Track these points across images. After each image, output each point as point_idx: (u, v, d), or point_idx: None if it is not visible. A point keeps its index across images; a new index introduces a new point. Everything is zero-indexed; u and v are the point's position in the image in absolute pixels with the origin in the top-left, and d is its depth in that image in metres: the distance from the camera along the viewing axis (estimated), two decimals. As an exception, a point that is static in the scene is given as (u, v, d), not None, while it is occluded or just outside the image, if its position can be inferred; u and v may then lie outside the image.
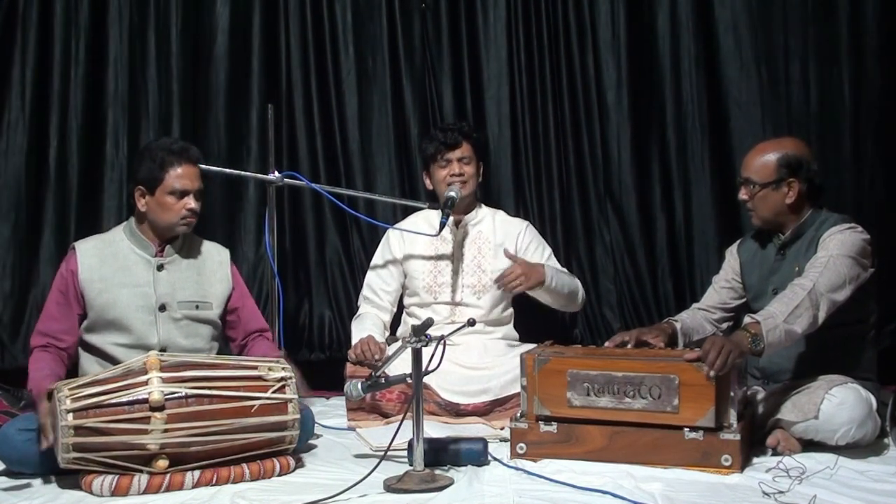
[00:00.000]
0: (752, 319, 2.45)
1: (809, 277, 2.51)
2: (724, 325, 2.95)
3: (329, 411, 3.25)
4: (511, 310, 3.33)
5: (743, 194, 2.77)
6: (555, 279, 3.16)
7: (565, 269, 3.36)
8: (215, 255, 2.86)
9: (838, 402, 2.47)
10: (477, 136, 3.31)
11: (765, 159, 2.72)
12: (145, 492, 2.31)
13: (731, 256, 2.94)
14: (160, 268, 2.73)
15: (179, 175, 2.67)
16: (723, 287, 2.94)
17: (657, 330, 2.79)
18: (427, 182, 3.31)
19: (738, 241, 2.97)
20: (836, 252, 2.56)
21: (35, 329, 2.72)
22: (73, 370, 2.74)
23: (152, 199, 2.69)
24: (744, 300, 2.90)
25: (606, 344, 2.74)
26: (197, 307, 2.76)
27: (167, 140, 2.80)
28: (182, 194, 2.68)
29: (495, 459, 2.54)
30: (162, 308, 2.71)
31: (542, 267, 3.16)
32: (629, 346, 2.69)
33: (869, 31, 3.58)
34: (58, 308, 2.70)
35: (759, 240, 2.86)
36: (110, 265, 2.70)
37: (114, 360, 2.62)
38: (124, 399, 2.32)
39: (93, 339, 2.71)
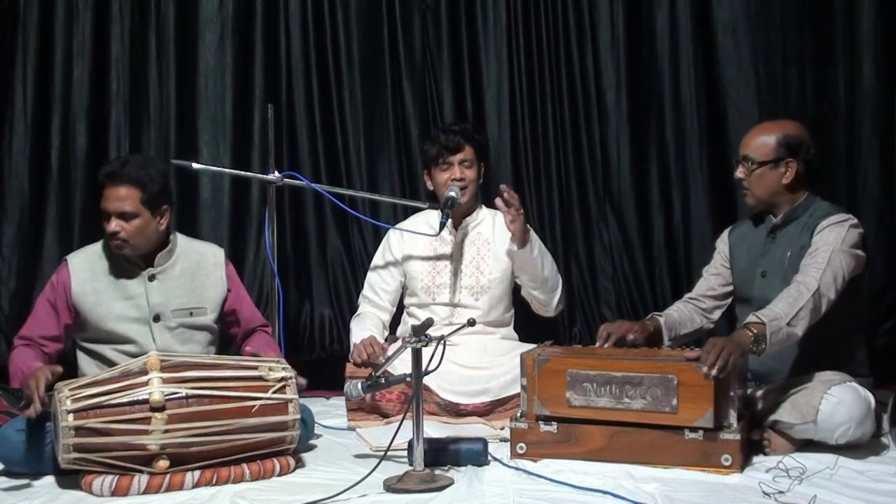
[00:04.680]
0: (756, 319, 2.42)
1: (812, 276, 2.49)
2: (715, 315, 2.93)
3: (329, 411, 3.25)
4: (512, 311, 3.33)
5: (739, 172, 2.74)
6: (537, 248, 3.13)
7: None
8: (210, 258, 2.84)
9: (836, 402, 2.46)
10: (479, 138, 3.30)
11: (764, 138, 2.71)
12: (145, 492, 2.32)
13: (722, 242, 2.93)
14: (151, 278, 2.73)
15: (105, 196, 2.65)
16: (712, 274, 2.93)
17: (639, 326, 2.78)
18: (428, 182, 3.31)
19: (728, 228, 2.95)
20: (837, 247, 2.54)
21: (18, 333, 2.72)
22: (72, 371, 2.74)
23: None
24: (731, 287, 2.89)
25: (598, 342, 2.72)
26: (191, 314, 2.76)
27: (120, 157, 2.79)
28: (107, 216, 2.65)
29: (495, 459, 2.54)
30: (156, 318, 2.72)
31: (534, 236, 3.15)
32: (611, 340, 2.67)
33: (864, 32, 3.59)
34: (45, 315, 2.70)
35: (749, 225, 2.85)
36: (102, 278, 2.71)
37: (113, 365, 2.62)
38: (125, 399, 2.33)
39: (91, 346, 2.72)
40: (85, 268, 2.71)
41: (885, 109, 3.60)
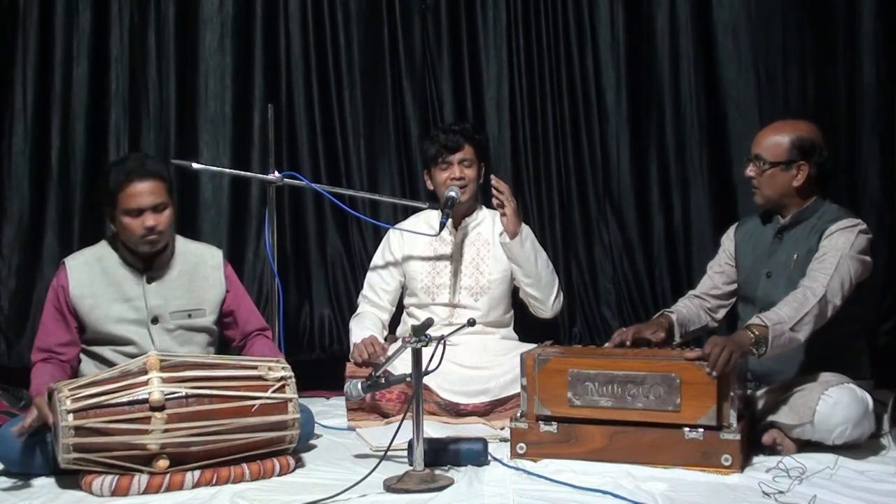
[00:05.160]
0: (759, 321, 2.41)
1: (819, 281, 2.48)
2: (720, 314, 2.92)
3: (329, 411, 3.25)
4: (511, 312, 3.33)
5: (750, 170, 2.71)
6: (530, 242, 3.13)
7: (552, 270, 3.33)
8: (208, 260, 2.84)
9: (833, 403, 2.46)
10: (479, 138, 3.30)
11: (778, 138, 2.68)
12: (145, 492, 2.32)
13: (728, 239, 2.91)
14: (150, 280, 2.72)
15: (131, 194, 2.61)
16: (716, 272, 2.91)
17: (655, 325, 2.78)
18: (428, 182, 3.31)
19: (734, 225, 2.94)
20: (845, 253, 2.52)
21: (35, 346, 2.71)
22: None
23: (116, 221, 2.67)
24: (735, 285, 2.88)
25: (607, 345, 2.73)
26: (189, 316, 2.75)
27: (123, 158, 2.78)
28: (138, 213, 2.62)
29: (495, 459, 2.54)
30: (154, 320, 2.71)
31: (526, 229, 3.16)
32: (627, 343, 2.68)
33: (864, 32, 3.59)
34: (54, 323, 2.69)
35: (756, 223, 2.83)
36: (100, 281, 2.70)
37: (112, 365, 2.61)
38: (125, 399, 2.33)
39: (92, 347, 2.72)
40: (83, 270, 2.71)
41: (885, 109, 3.60)
